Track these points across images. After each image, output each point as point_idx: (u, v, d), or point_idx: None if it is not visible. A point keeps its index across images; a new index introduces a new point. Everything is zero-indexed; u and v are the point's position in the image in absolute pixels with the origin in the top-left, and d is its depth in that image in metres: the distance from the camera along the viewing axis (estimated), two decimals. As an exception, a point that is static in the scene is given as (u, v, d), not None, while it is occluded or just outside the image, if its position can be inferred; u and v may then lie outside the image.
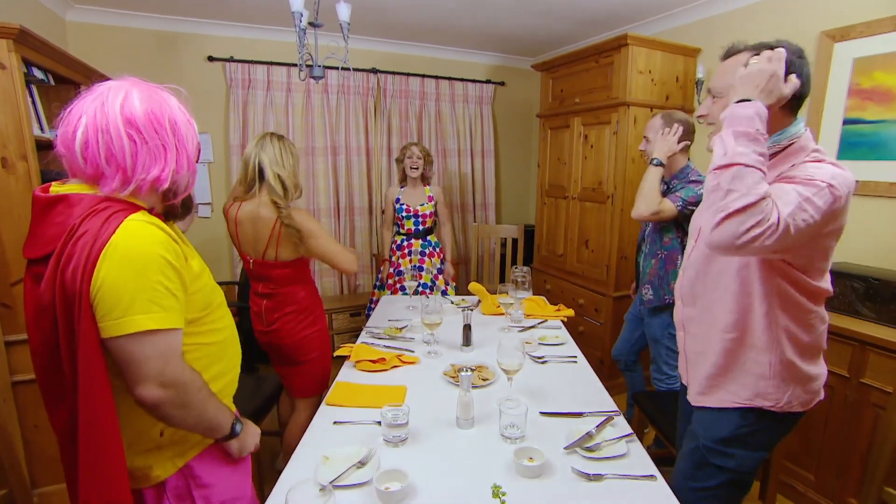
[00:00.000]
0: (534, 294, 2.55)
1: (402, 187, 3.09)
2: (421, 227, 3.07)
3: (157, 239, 0.87)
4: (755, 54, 1.09)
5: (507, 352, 1.41)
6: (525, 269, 2.25)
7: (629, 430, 1.33)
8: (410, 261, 3.07)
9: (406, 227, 3.08)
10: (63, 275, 0.83)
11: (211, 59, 3.43)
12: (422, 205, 3.04)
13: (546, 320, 2.25)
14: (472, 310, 2.05)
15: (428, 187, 3.10)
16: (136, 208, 0.90)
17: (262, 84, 3.57)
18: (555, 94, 3.46)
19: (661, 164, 2.05)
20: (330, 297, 4.01)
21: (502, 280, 4.06)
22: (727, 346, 1.19)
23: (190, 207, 1.07)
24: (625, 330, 2.52)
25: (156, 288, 0.86)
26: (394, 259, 3.10)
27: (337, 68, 2.49)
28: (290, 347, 1.93)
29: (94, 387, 0.85)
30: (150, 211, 0.95)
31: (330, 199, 3.92)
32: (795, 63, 1.07)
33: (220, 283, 3.66)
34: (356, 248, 4.09)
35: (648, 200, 2.01)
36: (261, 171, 1.79)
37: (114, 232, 0.83)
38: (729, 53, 1.16)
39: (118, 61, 3.09)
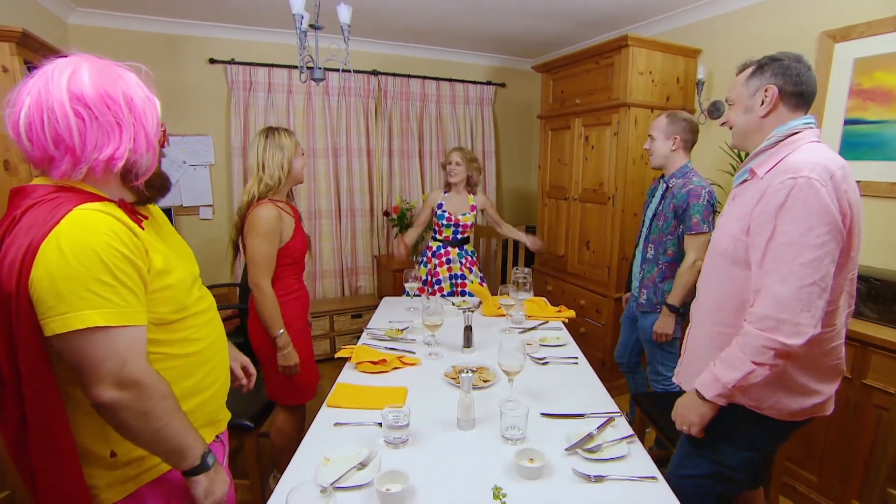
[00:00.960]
0: (535, 295, 2.55)
1: (445, 192, 2.92)
2: (459, 237, 2.93)
3: (109, 229, 0.80)
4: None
5: (508, 353, 1.41)
6: (526, 270, 2.25)
7: (630, 431, 1.33)
8: (449, 269, 2.92)
9: (444, 234, 2.91)
10: (1, 269, 0.76)
11: (212, 61, 3.43)
12: (464, 214, 2.88)
13: (547, 321, 2.24)
14: (472, 311, 2.05)
15: (472, 196, 2.95)
16: (95, 198, 0.84)
17: (263, 86, 3.58)
18: (555, 96, 3.46)
19: (676, 311, 2.12)
20: (331, 298, 4.01)
21: (503, 281, 4.06)
22: (716, 341, 1.24)
23: (163, 188, 1.00)
24: (622, 333, 2.53)
25: (106, 281, 0.78)
26: (430, 267, 2.93)
27: (338, 70, 2.49)
28: (255, 348, 1.92)
29: (41, 393, 0.79)
30: (120, 203, 0.88)
31: (331, 200, 3.92)
32: (792, 67, 1.19)
33: (220, 285, 3.61)
34: (357, 249, 4.09)
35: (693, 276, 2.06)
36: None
37: (58, 222, 0.77)
38: (744, 67, 1.28)
39: (121, 62, 3.09)
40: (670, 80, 2.95)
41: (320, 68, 2.35)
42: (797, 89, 1.19)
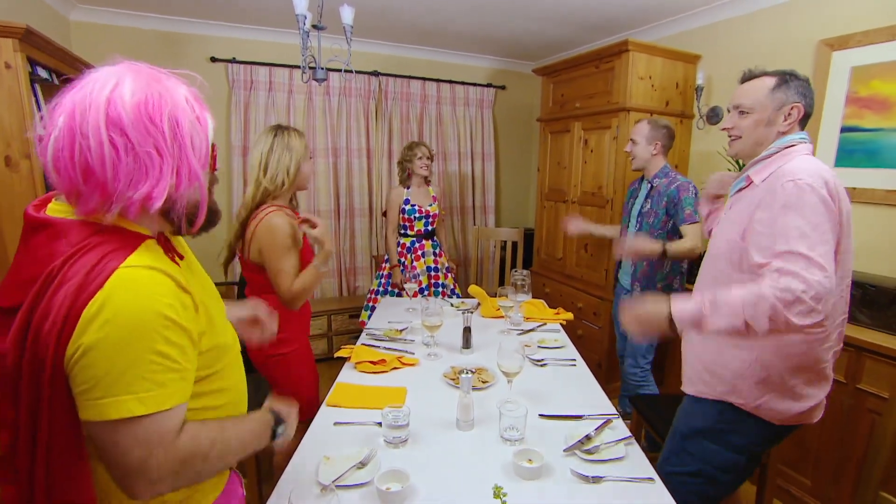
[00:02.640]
0: (533, 297, 2.56)
1: (407, 188, 3.01)
2: (430, 228, 3.06)
3: (159, 291, 0.69)
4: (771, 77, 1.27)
5: (508, 354, 1.42)
6: (525, 272, 2.27)
7: (628, 433, 1.34)
8: (425, 262, 3.04)
9: (416, 229, 3.02)
10: (36, 335, 0.65)
11: (213, 59, 3.44)
12: (430, 205, 3.03)
13: (545, 323, 2.26)
14: (471, 312, 2.06)
15: (431, 187, 3.10)
16: (137, 238, 0.73)
17: (263, 85, 3.58)
18: (555, 99, 3.48)
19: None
20: (329, 298, 4.01)
21: (502, 283, 4.07)
22: (711, 338, 1.27)
23: (211, 223, 0.86)
24: (617, 328, 2.62)
25: (152, 360, 0.68)
26: (406, 262, 3.01)
27: (340, 70, 2.50)
28: (258, 366, 1.78)
29: (74, 473, 0.69)
30: (159, 238, 0.78)
31: (331, 200, 3.93)
32: (810, 88, 1.25)
33: (218, 284, 3.64)
34: (356, 249, 4.09)
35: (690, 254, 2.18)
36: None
37: (103, 283, 0.65)
38: (746, 78, 1.32)
39: (119, 59, 3.10)
40: (670, 85, 2.97)
41: (323, 68, 2.36)
42: (810, 110, 1.25)
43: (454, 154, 4.32)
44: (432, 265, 3.05)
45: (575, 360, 1.86)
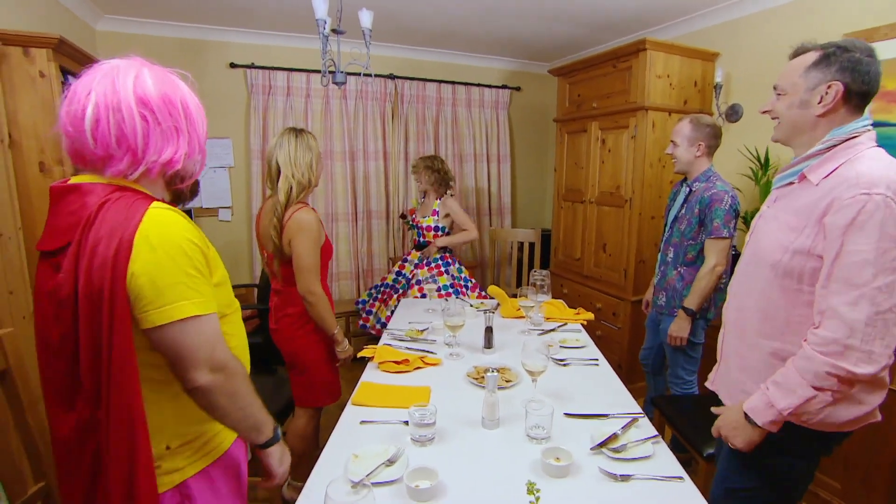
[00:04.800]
0: (552, 298, 2.55)
1: (422, 198, 3.17)
2: (422, 240, 3.10)
3: (184, 224, 0.85)
4: (818, 53, 1.10)
5: (532, 354, 1.43)
6: (544, 272, 2.26)
7: (654, 431, 1.33)
8: (414, 271, 3.09)
9: (413, 237, 3.18)
10: (90, 266, 0.78)
11: (233, 65, 3.50)
12: (425, 217, 3.06)
13: (566, 323, 2.25)
14: (492, 313, 2.06)
15: (437, 201, 3.06)
16: (149, 198, 0.86)
17: (282, 90, 3.63)
18: (572, 99, 3.47)
19: (692, 314, 2.12)
20: (347, 300, 4.04)
21: (519, 284, 4.06)
22: (761, 353, 1.18)
23: (194, 192, 1.04)
24: (647, 337, 2.52)
25: (192, 274, 0.83)
26: (408, 267, 3.13)
27: (359, 74, 2.53)
28: (287, 351, 1.94)
29: (129, 383, 0.80)
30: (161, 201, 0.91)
31: (348, 203, 3.96)
32: (864, 62, 1.06)
33: (239, 286, 3.68)
34: (373, 252, 4.12)
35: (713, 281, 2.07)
36: (278, 170, 1.83)
37: (140, 220, 0.80)
38: (797, 53, 1.16)
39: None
40: (688, 84, 2.95)
41: (342, 72, 2.39)
42: (863, 88, 1.06)
43: (470, 156, 4.33)
44: (423, 277, 3.03)
45: (597, 359, 1.86)
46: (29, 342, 0.96)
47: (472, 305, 2.54)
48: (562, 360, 1.82)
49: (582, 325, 2.27)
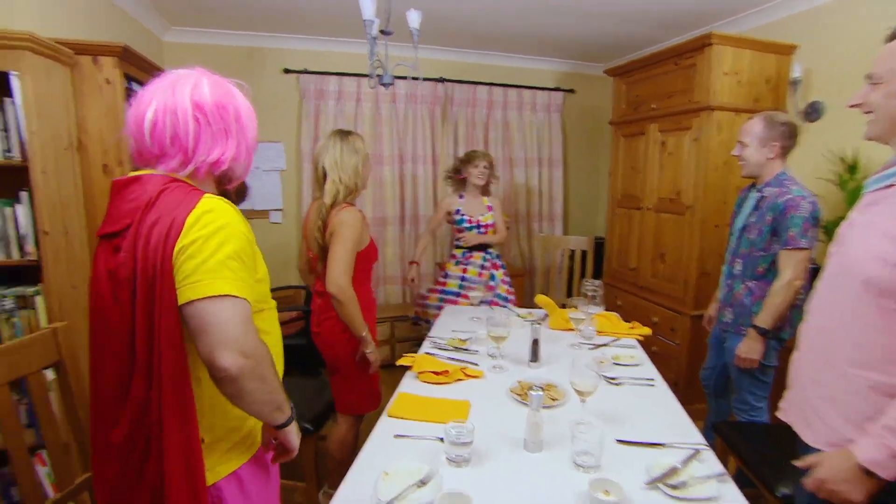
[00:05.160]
0: (606, 310, 2.40)
1: (460, 197, 2.93)
2: (480, 234, 2.93)
3: (235, 215, 0.89)
4: None
5: (581, 371, 1.31)
6: (597, 282, 2.13)
7: (721, 468, 1.18)
8: (480, 274, 2.91)
9: (462, 238, 2.93)
10: (146, 245, 0.83)
11: (287, 71, 3.59)
12: (482, 215, 2.90)
13: (619, 338, 2.10)
14: (539, 324, 1.95)
15: (486, 198, 2.96)
16: (203, 191, 0.91)
17: (333, 94, 3.69)
18: (629, 100, 3.29)
19: (765, 334, 1.89)
20: (394, 304, 4.03)
21: (569, 294, 3.90)
22: (855, 385, 1.01)
23: (242, 195, 1.09)
24: (709, 356, 2.29)
25: (233, 257, 0.85)
26: (451, 273, 2.94)
27: (406, 78, 2.50)
28: (328, 354, 1.92)
29: (179, 360, 0.84)
30: None
31: (396, 207, 3.96)
32: None
33: (287, 287, 3.74)
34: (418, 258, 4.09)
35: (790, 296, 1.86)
36: (325, 173, 1.84)
37: (196, 205, 0.85)
38: (889, 38, 1.02)
39: (205, 76, 3.34)
40: (759, 81, 2.71)
41: (389, 74, 2.36)
42: None
43: (521, 160, 4.22)
44: (486, 279, 2.90)
45: (653, 379, 1.70)
46: (85, 336, 0.99)
47: (518, 315, 2.43)
48: (614, 379, 1.68)
49: (637, 340, 2.11)
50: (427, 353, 1.91)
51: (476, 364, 1.81)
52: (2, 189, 1.91)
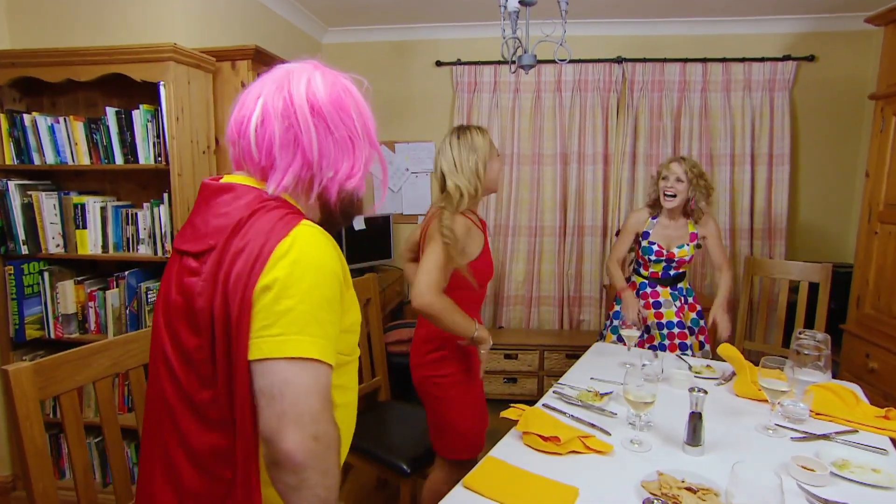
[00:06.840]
0: (836, 379, 1.71)
1: (653, 218, 2.43)
2: (671, 273, 2.43)
3: (332, 251, 0.81)
4: None
5: (769, 483, 0.85)
6: (821, 335, 1.53)
7: None
8: (658, 315, 2.43)
9: (651, 270, 2.45)
10: (227, 274, 0.76)
11: (439, 63, 3.62)
12: (680, 247, 2.36)
13: (856, 431, 1.44)
14: (721, 384, 1.45)
15: (692, 222, 2.40)
16: (301, 215, 0.83)
17: (488, 86, 3.59)
18: (906, 62, 2.40)
19: None
20: (547, 330, 3.74)
21: (786, 344, 3.02)
22: None
23: (354, 213, 0.96)
24: None
25: (324, 308, 0.76)
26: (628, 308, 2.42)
27: (563, 61, 2.22)
28: (414, 378, 1.79)
29: (248, 404, 0.75)
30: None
31: (556, 215, 3.66)
32: None
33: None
34: (583, 275, 3.68)
35: None
36: (444, 178, 1.72)
37: (287, 234, 0.76)
38: None
39: (360, 73, 3.56)
40: None
41: (531, 54, 2.11)
42: None
43: (725, 157, 3.50)
44: (674, 319, 2.39)
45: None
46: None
47: (690, 368, 1.91)
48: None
49: (892, 438, 1.42)
50: (545, 405, 1.59)
51: (607, 433, 1.42)
52: (154, 191, 2.25)
